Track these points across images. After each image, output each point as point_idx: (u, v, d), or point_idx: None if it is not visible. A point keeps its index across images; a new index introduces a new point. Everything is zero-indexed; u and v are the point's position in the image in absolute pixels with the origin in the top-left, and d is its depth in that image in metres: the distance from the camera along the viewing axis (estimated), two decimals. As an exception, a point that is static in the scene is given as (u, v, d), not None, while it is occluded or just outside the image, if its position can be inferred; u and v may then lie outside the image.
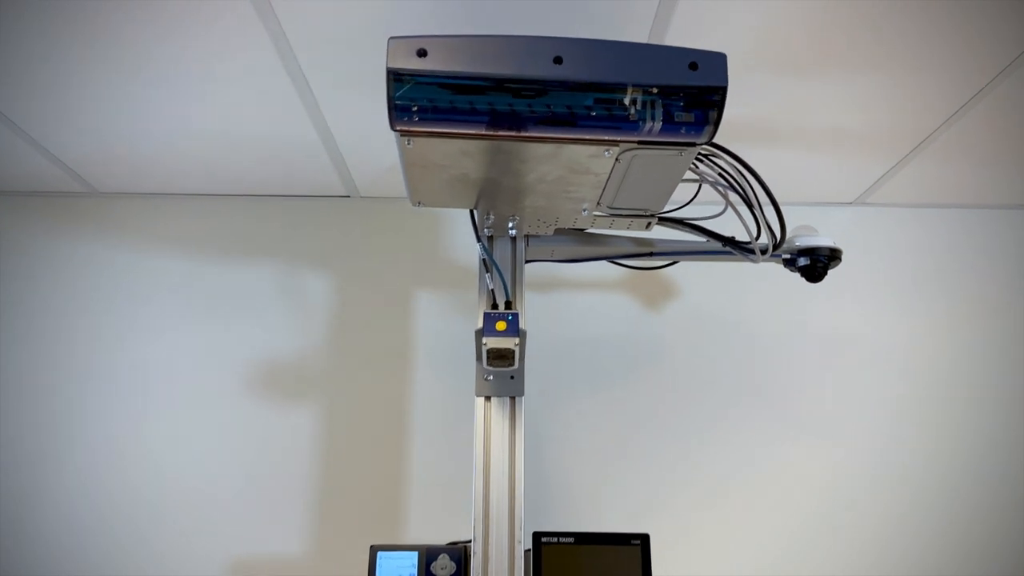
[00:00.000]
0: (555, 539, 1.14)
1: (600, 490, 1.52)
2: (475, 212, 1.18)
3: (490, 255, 1.18)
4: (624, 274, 1.65)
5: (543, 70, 0.85)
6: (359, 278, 1.65)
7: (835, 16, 1.10)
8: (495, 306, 1.14)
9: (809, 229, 1.22)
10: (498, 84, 0.86)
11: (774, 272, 1.63)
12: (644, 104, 0.88)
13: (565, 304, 1.64)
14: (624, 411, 1.57)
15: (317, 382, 1.58)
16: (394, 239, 1.68)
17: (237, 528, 1.49)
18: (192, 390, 1.57)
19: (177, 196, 1.69)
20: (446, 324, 1.62)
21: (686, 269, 1.64)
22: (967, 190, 1.62)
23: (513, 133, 0.91)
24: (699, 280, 1.65)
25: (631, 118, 0.89)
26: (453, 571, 1.13)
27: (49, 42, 1.17)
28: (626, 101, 0.88)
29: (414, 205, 1.13)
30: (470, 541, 1.13)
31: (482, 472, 1.14)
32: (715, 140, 0.99)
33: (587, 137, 0.92)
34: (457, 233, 1.69)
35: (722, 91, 0.85)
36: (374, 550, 1.14)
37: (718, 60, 0.85)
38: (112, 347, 1.60)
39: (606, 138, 0.92)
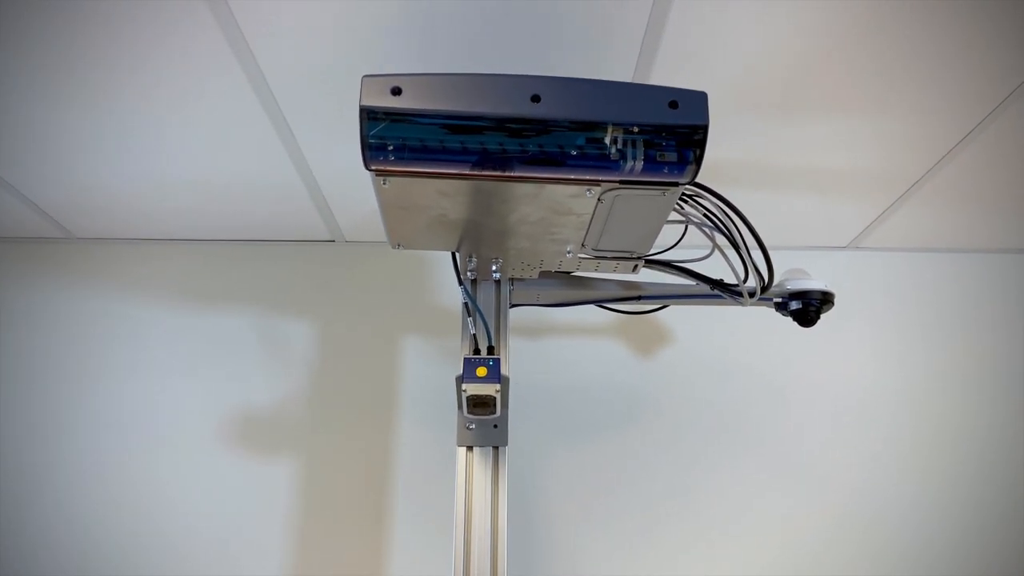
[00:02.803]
0: (540, 600, 1.08)
1: (584, 540, 1.45)
2: (457, 254, 1.15)
3: (472, 298, 1.14)
4: (613, 319, 1.62)
5: (520, 108, 0.83)
6: (343, 324, 1.61)
7: (824, 56, 1.09)
8: (477, 351, 1.10)
9: (801, 272, 1.19)
10: (475, 123, 0.84)
11: (765, 317, 1.59)
12: (625, 143, 0.86)
13: (555, 349, 1.60)
14: (611, 459, 1.51)
15: (297, 431, 1.52)
16: (379, 284, 1.65)
17: (209, 587, 1.42)
18: (168, 439, 1.51)
19: (156, 241, 1.66)
20: (432, 371, 1.58)
21: (676, 313, 1.61)
22: (960, 233, 1.60)
23: (491, 173, 0.89)
24: (689, 325, 1.62)
25: (612, 157, 0.87)
26: (432, 635, 1.06)
27: (24, 86, 1.15)
28: (606, 140, 0.86)
29: (394, 247, 1.09)
30: (450, 601, 1.06)
31: (463, 527, 1.08)
32: (700, 180, 0.97)
33: (567, 177, 0.89)
34: (443, 277, 1.66)
35: (703, 130, 0.83)
36: (348, 612, 1.07)
37: (698, 99, 0.83)
38: (88, 394, 1.55)
39: (587, 178, 0.89)
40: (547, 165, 0.88)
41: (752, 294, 1.08)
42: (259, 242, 1.67)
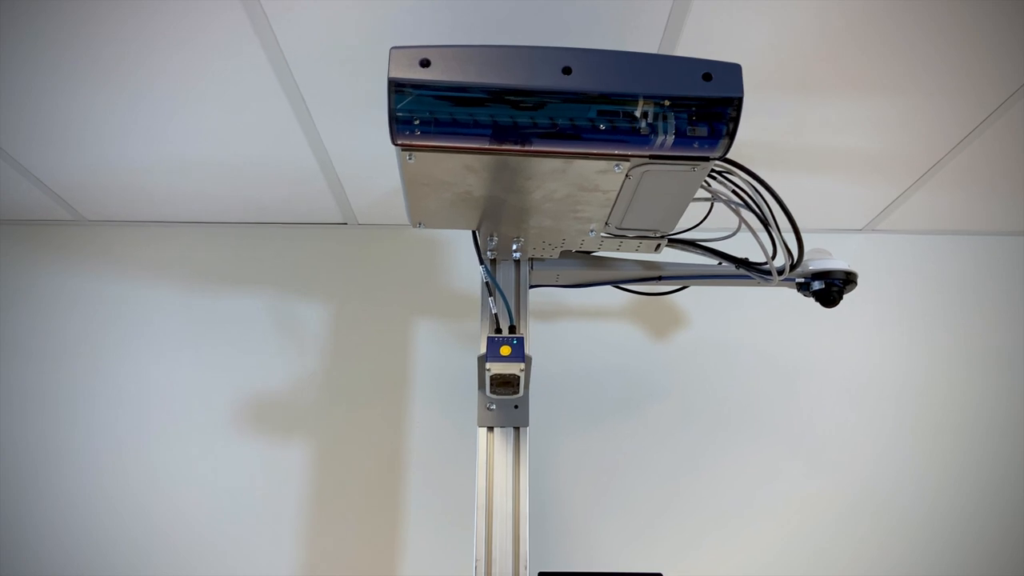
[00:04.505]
0: (563, 580, 1.07)
1: (597, 519, 1.45)
2: (478, 233, 1.14)
3: (493, 278, 1.13)
4: (628, 301, 1.61)
5: (552, 81, 0.82)
6: (355, 307, 1.60)
7: (849, 36, 1.08)
8: (498, 331, 1.09)
9: (823, 252, 1.19)
10: (504, 96, 0.83)
11: (777, 300, 1.59)
12: (656, 117, 0.85)
13: (567, 332, 1.59)
14: (623, 442, 1.51)
15: (311, 414, 1.52)
16: (391, 267, 1.64)
17: (224, 566, 1.41)
18: (182, 422, 1.51)
19: (168, 224, 1.65)
20: (445, 354, 1.57)
21: (688, 296, 1.60)
22: (979, 216, 1.59)
23: (519, 147, 0.88)
24: (701, 308, 1.61)
25: (642, 132, 0.86)
26: (454, 615, 1.06)
27: (37, 65, 1.14)
28: (637, 113, 0.84)
29: (415, 226, 1.08)
30: (472, 582, 1.06)
31: (485, 507, 1.07)
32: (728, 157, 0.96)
33: (596, 151, 0.88)
34: (455, 261, 1.65)
35: (738, 102, 0.82)
36: (370, 592, 1.07)
37: (733, 70, 0.82)
38: (100, 377, 1.54)
39: (616, 152, 0.88)
40: (576, 139, 0.87)
41: (781, 272, 1.07)
42: (271, 225, 1.66)
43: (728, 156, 0.92)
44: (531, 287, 1.21)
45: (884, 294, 1.62)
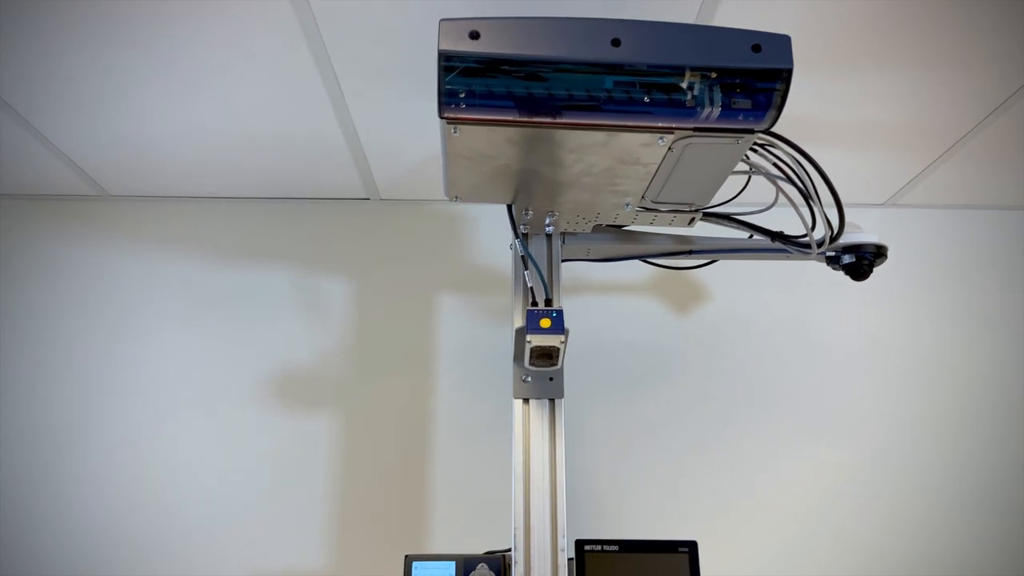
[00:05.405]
0: (599, 547, 1.09)
1: (624, 491, 1.48)
2: (512, 207, 1.14)
3: (528, 251, 1.14)
4: (648, 277, 1.62)
5: (600, 53, 0.82)
6: (378, 282, 1.61)
7: (876, 7, 1.07)
8: (534, 304, 1.10)
9: (854, 226, 1.19)
10: (552, 68, 0.83)
11: (798, 274, 1.60)
12: (702, 89, 0.85)
13: (590, 307, 1.60)
14: (646, 416, 1.53)
15: (337, 388, 1.53)
16: (414, 243, 1.64)
17: (253, 539, 1.43)
18: (208, 396, 1.52)
19: (191, 199, 1.65)
20: (468, 329, 1.58)
21: (710, 271, 1.61)
22: (1005, 190, 1.60)
23: (564, 120, 0.88)
24: (723, 282, 1.62)
25: (688, 104, 0.86)
26: (493, 582, 1.08)
27: (62, 36, 1.13)
28: (684, 85, 0.85)
29: (451, 200, 1.09)
30: (508, 550, 1.08)
31: (522, 478, 1.09)
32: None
33: (642, 124, 0.88)
34: (477, 237, 1.65)
35: (787, 74, 0.82)
36: (409, 560, 1.09)
37: (782, 42, 0.82)
38: (127, 352, 1.55)
39: (661, 125, 0.89)
40: (622, 112, 0.87)
41: (820, 245, 1.08)
42: (294, 200, 1.66)
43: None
44: (562, 261, 1.22)
45: (905, 269, 1.64)
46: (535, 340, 1.01)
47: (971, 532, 1.47)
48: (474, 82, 0.84)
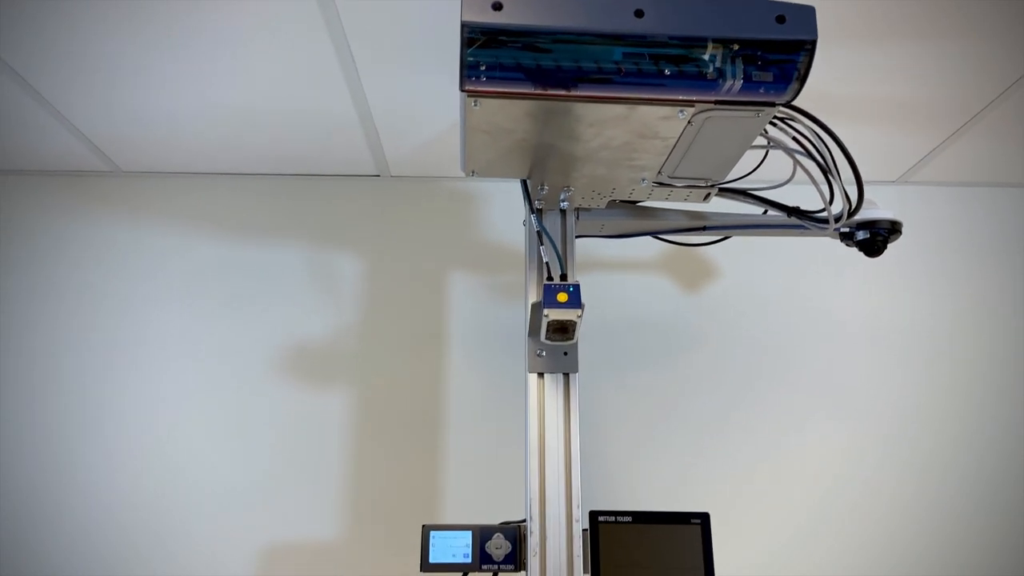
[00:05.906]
0: (612, 518, 1.11)
1: (637, 465, 1.49)
2: (527, 183, 1.14)
3: (544, 227, 1.14)
4: (658, 253, 1.62)
5: (624, 24, 0.82)
6: (389, 259, 1.61)
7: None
8: (550, 279, 1.10)
9: (868, 203, 1.19)
10: (575, 39, 0.83)
11: (808, 251, 1.61)
12: (724, 60, 0.85)
13: (603, 284, 1.61)
14: (658, 391, 1.54)
15: (348, 365, 1.54)
16: (425, 220, 1.64)
17: (269, 512, 1.45)
18: (220, 373, 1.53)
19: (203, 175, 1.65)
20: (479, 305, 1.59)
21: (720, 247, 1.61)
22: (1016, 168, 1.59)
23: (585, 93, 0.88)
24: (734, 259, 1.62)
25: (710, 76, 0.86)
26: (508, 550, 1.09)
27: (79, 11, 1.12)
28: (706, 57, 0.84)
29: (467, 175, 1.09)
30: (523, 521, 1.09)
31: (537, 450, 1.10)
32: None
33: (663, 97, 0.88)
34: (488, 214, 1.65)
35: (811, 45, 0.82)
36: (426, 529, 1.10)
37: (807, 12, 0.82)
38: (138, 328, 1.55)
39: (682, 97, 0.88)
40: (642, 84, 0.87)
41: (838, 219, 1.08)
42: (305, 176, 1.66)
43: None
44: (576, 237, 1.22)
45: (917, 246, 1.64)
46: (552, 314, 1.01)
47: (986, 506, 1.49)
48: (497, 54, 0.84)
